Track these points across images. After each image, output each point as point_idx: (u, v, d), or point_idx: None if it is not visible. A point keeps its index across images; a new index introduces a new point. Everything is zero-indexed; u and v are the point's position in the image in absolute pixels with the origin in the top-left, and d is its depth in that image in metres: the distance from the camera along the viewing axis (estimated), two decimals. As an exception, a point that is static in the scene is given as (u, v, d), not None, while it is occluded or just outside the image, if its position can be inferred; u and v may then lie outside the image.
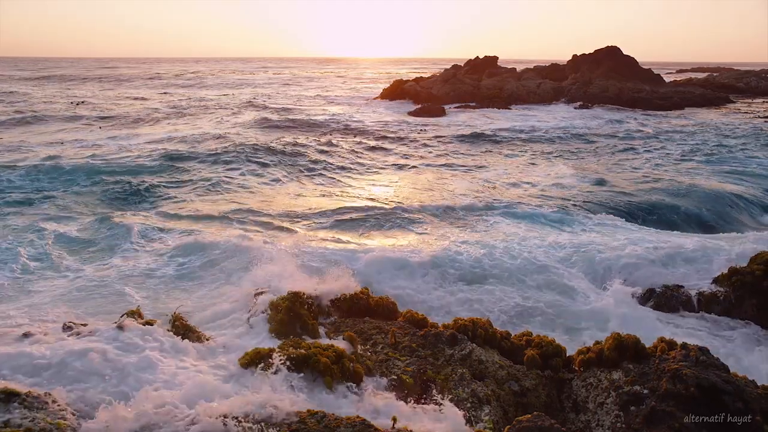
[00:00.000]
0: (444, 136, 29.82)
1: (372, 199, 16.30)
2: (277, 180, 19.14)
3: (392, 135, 30.22)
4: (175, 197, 16.24)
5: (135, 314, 5.16)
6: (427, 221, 13.96)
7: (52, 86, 66.05)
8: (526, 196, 16.73)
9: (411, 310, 6.10)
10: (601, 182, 18.95)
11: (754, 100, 57.33)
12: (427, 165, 22.35)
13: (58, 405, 3.59)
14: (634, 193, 17.21)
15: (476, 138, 29.53)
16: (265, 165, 20.95)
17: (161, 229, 12.66)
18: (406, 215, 14.43)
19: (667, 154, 25.02)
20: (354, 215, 14.55)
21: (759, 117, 41.24)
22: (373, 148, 25.73)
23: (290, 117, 37.11)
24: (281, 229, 13.10)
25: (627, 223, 13.79)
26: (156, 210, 14.81)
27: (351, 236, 12.75)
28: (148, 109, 41.57)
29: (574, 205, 15.51)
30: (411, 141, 28.30)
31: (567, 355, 5.24)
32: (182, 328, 5.15)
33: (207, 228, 13.06)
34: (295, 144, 26.04)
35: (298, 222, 13.80)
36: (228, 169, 20.10)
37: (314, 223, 13.89)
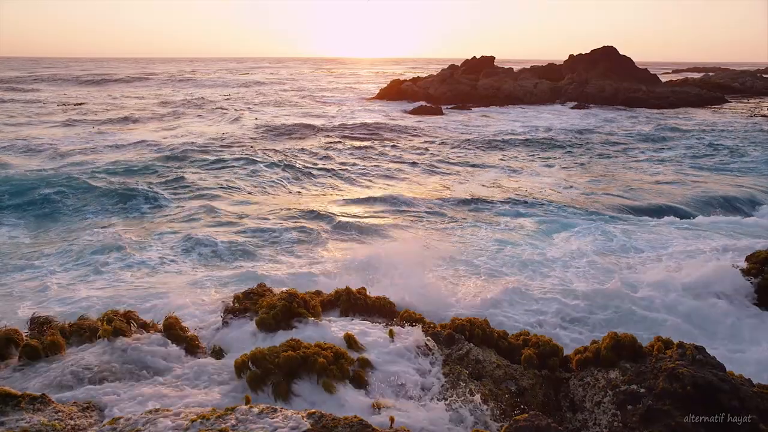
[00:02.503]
0: (444, 137, 29.86)
1: (383, 199, 16.34)
2: (285, 180, 18.99)
3: (392, 135, 30.22)
4: (191, 199, 16.13)
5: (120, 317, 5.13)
6: (454, 223, 13.92)
7: (47, 87, 65.78)
8: (536, 196, 16.79)
9: (408, 309, 6.10)
10: (607, 182, 19.14)
11: (750, 100, 57.63)
12: (430, 164, 22.34)
13: (54, 406, 3.57)
14: (642, 194, 17.28)
15: (476, 138, 29.55)
16: (268, 166, 20.83)
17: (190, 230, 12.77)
18: (427, 214, 14.57)
19: (669, 154, 25.13)
20: (366, 213, 14.72)
21: (756, 115, 41.49)
22: (373, 149, 25.72)
23: (289, 118, 37.11)
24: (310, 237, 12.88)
25: (643, 222, 13.88)
26: (171, 214, 14.67)
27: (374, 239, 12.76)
28: (144, 110, 41.48)
29: (580, 206, 15.61)
30: (411, 141, 28.33)
31: (564, 354, 5.25)
32: (175, 333, 5.10)
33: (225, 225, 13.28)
34: (297, 145, 26.04)
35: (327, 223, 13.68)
36: (232, 171, 20.00)
37: (339, 221, 13.87)
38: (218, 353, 5.09)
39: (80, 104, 44.59)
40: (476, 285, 9.14)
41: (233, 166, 20.69)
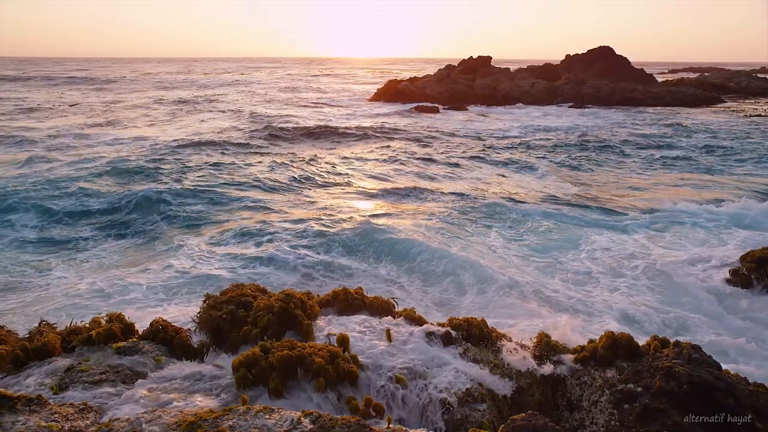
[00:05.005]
0: (442, 137, 29.88)
1: (392, 197, 16.42)
2: (288, 181, 18.77)
3: (390, 136, 30.19)
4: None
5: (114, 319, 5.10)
6: (474, 225, 13.92)
7: (43, 87, 65.50)
8: (544, 196, 16.86)
9: (407, 308, 6.09)
10: (611, 182, 19.29)
11: (745, 100, 57.87)
12: (432, 164, 22.33)
13: (50, 408, 3.56)
14: (649, 193, 17.40)
15: (476, 138, 29.65)
16: (268, 167, 20.72)
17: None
18: (440, 214, 14.57)
19: (669, 153, 25.23)
20: (377, 213, 14.82)
21: (753, 115, 41.74)
22: (372, 150, 25.69)
23: (286, 120, 37.03)
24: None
25: (660, 221, 13.95)
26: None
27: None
28: (140, 110, 41.38)
29: (591, 206, 15.70)
30: (410, 141, 28.30)
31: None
32: (168, 335, 5.01)
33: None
34: (297, 146, 26.01)
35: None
36: (231, 171, 19.90)
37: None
38: (215, 355, 5.07)
39: (75, 104, 44.47)
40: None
41: (232, 167, 20.63)
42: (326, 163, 21.74)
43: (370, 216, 14.20)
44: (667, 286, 9.54)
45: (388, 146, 26.69)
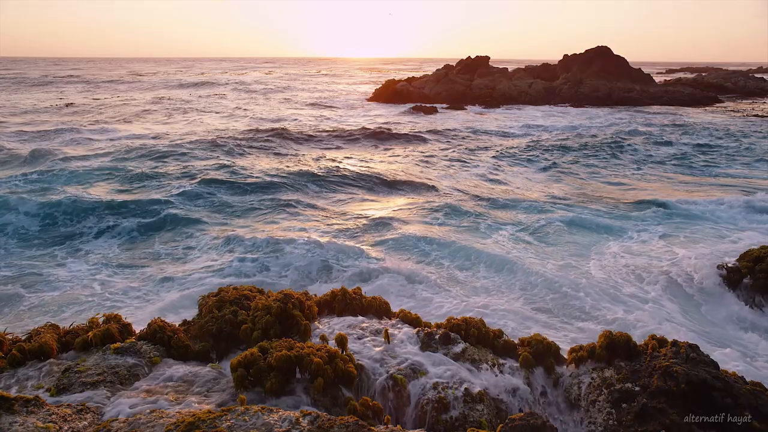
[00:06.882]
0: (442, 137, 29.87)
1: (411, 199, 16.47)
2: (292, 183, 18.34)
3: (390, 136, 30.06)
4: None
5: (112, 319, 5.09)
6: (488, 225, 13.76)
7: (39, 87, 65.33)
8: (550, 196, 16.81)
9: (404, 309, 6.10)
10: (614, 182, 19.26)
11: (742, 100, 58.01)
12: (434, 164, 22.29)
13: (48, 408, 3.55)
14: (653, 192, 17.32)
15: (475, 138, 29.61)
16: (273, 166, 20.49)
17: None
18: (447, 215, 14.41)
19: (669, 152, 25.27)
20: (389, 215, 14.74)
21: (750, 115, 41.85)
22: (374, 150, 25.61)
23: (287, 119, 37.00)
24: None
25: (669, 221, 13.89)
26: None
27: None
28: (133, 111, 41.31)
29: (598, 207, 15.65)
30: (410, 142, 28.25)
31: (560, 353, 5.26)
32: (166, 335, 5.00)
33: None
34: (298, 149, 25.90)
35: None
36: (226, 172, 19.72)
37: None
38: (213, 355, 5.06)
39: (72, 104, 44.36)
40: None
41: (233, 166, 20.44)
42: (328, 162, 21.68)
43: (378, 213, 14.23)
44: (695, 300, 9.21)
45: (389, 146, 26.69)
